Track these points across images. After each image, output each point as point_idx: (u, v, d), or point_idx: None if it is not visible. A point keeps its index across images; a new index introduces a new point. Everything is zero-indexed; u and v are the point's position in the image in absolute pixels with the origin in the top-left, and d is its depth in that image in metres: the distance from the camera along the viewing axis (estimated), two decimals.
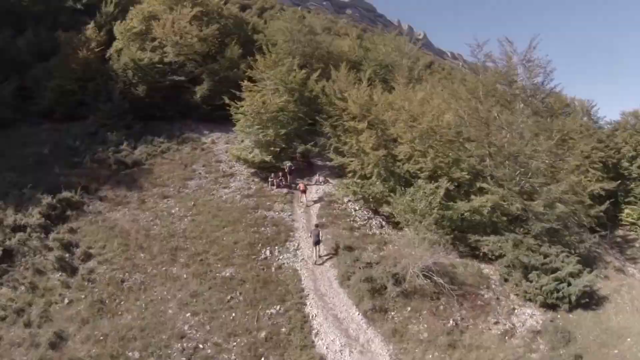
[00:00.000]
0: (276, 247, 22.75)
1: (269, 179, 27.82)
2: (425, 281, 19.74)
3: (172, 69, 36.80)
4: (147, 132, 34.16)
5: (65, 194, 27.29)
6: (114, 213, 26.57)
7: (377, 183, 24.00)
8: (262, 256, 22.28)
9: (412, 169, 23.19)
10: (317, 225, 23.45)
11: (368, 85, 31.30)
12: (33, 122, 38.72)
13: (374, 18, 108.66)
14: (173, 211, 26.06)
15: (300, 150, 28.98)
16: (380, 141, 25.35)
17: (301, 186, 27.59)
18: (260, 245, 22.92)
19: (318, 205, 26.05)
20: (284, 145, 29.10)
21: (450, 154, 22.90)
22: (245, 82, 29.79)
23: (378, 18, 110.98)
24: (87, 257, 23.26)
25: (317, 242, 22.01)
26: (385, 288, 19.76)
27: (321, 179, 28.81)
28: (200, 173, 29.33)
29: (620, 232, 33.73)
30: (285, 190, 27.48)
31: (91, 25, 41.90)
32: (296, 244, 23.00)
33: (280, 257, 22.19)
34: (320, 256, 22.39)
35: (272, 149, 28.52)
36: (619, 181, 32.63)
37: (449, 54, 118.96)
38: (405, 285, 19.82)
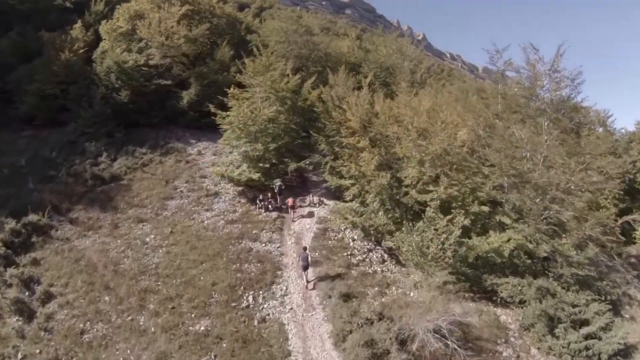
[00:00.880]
0: (261, 292, 17.44)
1: (257, 201, 22.38)
2: (436, 344, 14.61)
3: (158, 72, 30.98)
4: (130, 141, 28.57)
5: (32, 217, 22.21)
6: (83, 240, 21.34)
7: (380, 214, 18.65)
8: (244, 303, 17.02)
9: (421, 198, 17.76)
10: (305, 249, 18.57)
11: (369, 92, 25.65)
12: (15, 128, 33.26)
13: (373, 18, 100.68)
14: (147, 239, 20.76)
15: (292, 168, 23.47)
16: (383, 161, 19.84)
17: (290, 201, 22.40)
18: (242, 288, 17.64)
19: (311, 234, 20.64)
20: (274, 161, 23.53)
21: (466, 182, 17.42)
22: (232, 90, 24.03)
23: (377, 18, 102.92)
24: (48, 297, 18.52)
25: (306, 267, 17.61)
26: (389, 353, 14.64)
27: (315, 199, 23.29)
28: (181, 191, 23.85)
29: (634, 251, 28.47)
30: (274, 214, 21.99)
31: (78, 24, 35.95)
32: (284, 288, 17.68)
33: (265, 305, 16.92)
34: (309, 281, 17.96)
35: (261, 164, 22.94)
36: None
37: (448, 55, 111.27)
38: (413, 348, 14.68)
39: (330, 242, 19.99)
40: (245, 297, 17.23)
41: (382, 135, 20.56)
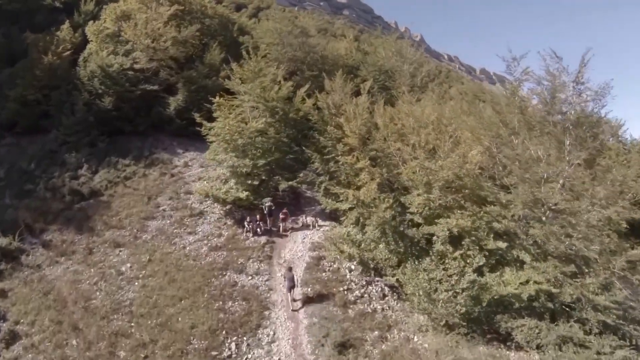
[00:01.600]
0: (245, 338, 14.13)
1: (245, 223, 18.95)
2: None
3: (145, 77, 27.15)
4: (114, 151, 24.93)
5: (2, 240, 18.89)
6: (55, 268, 18.01)
7: (381, 246, 15.35)
8: (226, 352, 13.73)
9: (428, 231, 14.39)
10: (290, 269, 15.94)
11: (368, 99, 22.04)
12: None
13: (371, 19, 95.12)
14: (123, 268, 17.42)
15: (283, 187, 19.97)
16: (385, 182, 16.40)
17: (282, 214, 19.31)
18: (224, 333, 14.34)
19: (304, 263, 17.29)
20: (264, 177, 20.01)
21: (481, 213, 14.03)
22: (217, 99, 20.35)
23: (375, 19, 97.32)
24: (13, 338, 15.53)
25: (291, 287, 15.40)
26: None
27: (309, 220, 19.85)
28: (164, 210, 20.37)
29: None
30: (263, 239, 18.56)
31: (66, 25, 31.82)
32: (271, 333, 14.39)
33: (249, 355, 13.60)
34: (295, 300, 15.58)
35: (249, 181, 19.46)
36: None
37: (445, 56, 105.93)
38: None
39: (324, 274, 16.64)
40: (227, 345, 13.95)
41: (383, 153, 17.05)
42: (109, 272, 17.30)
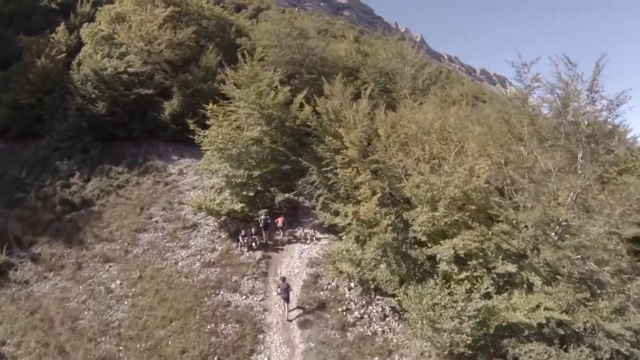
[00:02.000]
0: None
1: (240, 237, 17.87)
2: None
3: (140, 80, 25.91)
4: (107, 157, 23.80)
5: None
6: (43, 284, 17.00)
7: (382, 266, 14.25)
8: None
9: (431, 252, 13.28)
10: (284, 279, 15.25)
11: (369, 103, 20.82)
12: None
13: (371, 20, 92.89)
14: (113, 285, 16.39)
15: (279, 200, 18.81)
16: (386, 196, 15.24)
17: (279, 221, 18.29)
18: (216, 358, 13.43)
19: (301, 281, 16.20)
20: (259, 188, 18.88)
21: (491, 234, 12.87)
22: (211, 105, 19.15)
23: (375, 20, 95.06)
24: None
25: (286, 298, 14.76)
26: None
27: (307, 233, 18.69)
28: (157, 221, 19.29)
29: None
30: (258, 254, 17.48)
31: (61, 27, 30.53)
32: (265, 358, 13.35)
33: None
34: (289, 311, 14.89)
35: (244, 192, 18.35)
36: None
37: (445, 57, 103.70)
38: None
39: (322, 292, 15.56)
40: None
41: (385, 165, 15.85)
42: (98, 290, 16.28)
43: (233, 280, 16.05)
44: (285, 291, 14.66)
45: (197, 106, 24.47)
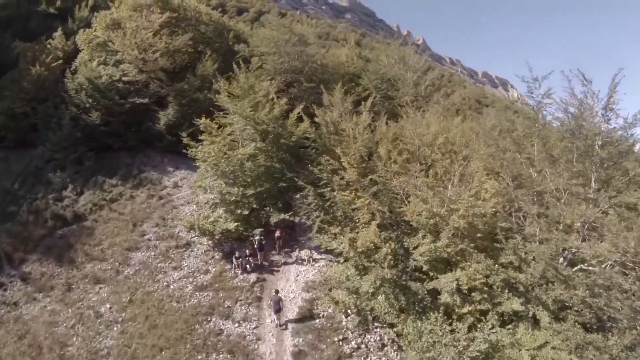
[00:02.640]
0: None
1: (234, 258, 17.07)
2: None
3: (135, 89, 24.99)
4: (101, 169, 22.98)
5: None
6: (32, 307, 16.29)
7: (380, 298, 13.40)
8: None
9: (432, 286, 12.39)
10: (277, 292, 15.18)
11: (370, 116, 19.87)
12: None
13: (373, 23, 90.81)
14: (102, 309, 15.64)
15: (274, 220, 17.88)
16: (386, 220, 14.34)
17: (277, 232, 17.66)
18: None
19: (296, 308, 15.36)
20: (255, 206, 18.04)
21: (497, 268, 11.95)
22: (203, 120, 18.23)
23: (377, 23, 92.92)
24: None
25: (278, 310, 14.63)
26: None
27: (304, 253, 17.75)
28: (149, 239, 18.51)
29: None
30: (253, 277, 16.65)
31: (58, 33, 29.52)
32: None
33: None
34: (280, 325, 14.78)
35: (238, 211, 17.51)
36: None
37: (447, 60, 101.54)
38: None
39: (318, 320, 14.72)
40: None
41: (385, 187, 14.91)
42: (87, 314, 15.56)
43: (226, 306, 15.26)
44: (277, 304, 14.56)
45: (193, 116, 23.49)
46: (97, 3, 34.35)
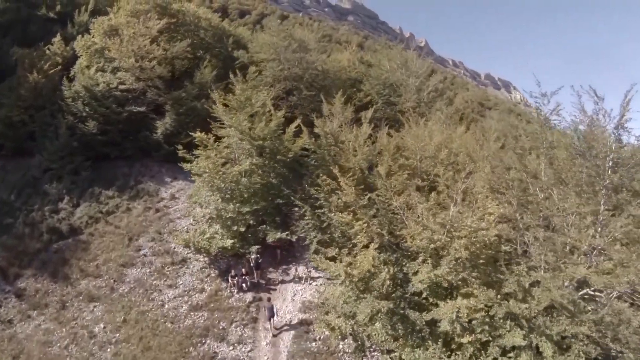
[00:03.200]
0: None
1: (229, 277, 16.62)
2: None
3: (133, 97, 24.52)
4: (99, 179, 22.56)
5: None
6: (26, 325, 15.97)
7: (377, 325, 12.92)
8: None
9: (430, 317, 11.89)
10: (269, 299, 15.74)
11: (370, 127, 19.33)
12: None
13: (375, 25, 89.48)
14: (96, 329, 15.29)
15: (271, 239, 17.31)
16: (386, 242, 13.80)
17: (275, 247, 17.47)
18: None
19: (292, 330, 14.99)
20: (251, 222, 17.56)
21: (499, 299, 11.38)
22: (198, 134, 17.73)
23: (380, 25, 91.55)
24: None
25: (271, 317, 15.01)
26: None
27: (301, 271, 17.27)
28: (145, 255, 18.11)
29: None
30: (249, 296, 16.19)
31: (57, 38, 29.03)
32: None
33: None
34: (276, 328, 15.12)
35: (235, 228, 17.06)
36: None
37: (450, 62, 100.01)
38: None
39: (314, 343, 14.25)
40: None
41: (385, 207, 14.34)
42: (81, 334, 15.22)
43: (221, 327, 14.85)
44: (270, 310, 14.97)
45: (190, 125, 23.14)
46: (96, 7, 33.98)
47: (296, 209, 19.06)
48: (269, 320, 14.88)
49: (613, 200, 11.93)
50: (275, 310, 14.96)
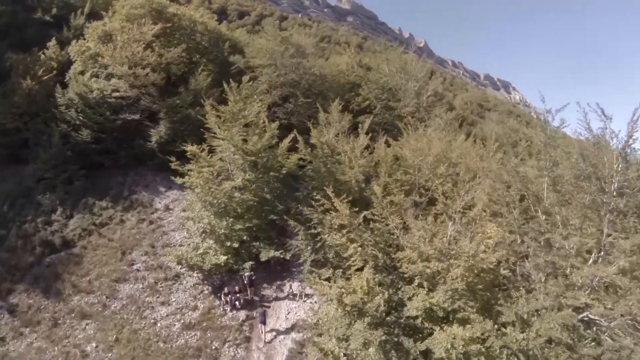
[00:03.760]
0: None
1: (223, 295, 16.35)
2: None
3: (127, 104, 24.11)
4: (92, 188, 22.20)
5: None
6: (19, 343, 15.74)
7: (371, 351, 12.53)
8: None
9: (424, 346, 11.57)
10: (262, 305, 16.21)
11: (367, 138, 18.91)
12: None
13: (375, 26, 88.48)
14: (88, 348, 15.05)
15: (265, 257, 16.84)
16: (381, 264, 13.46)
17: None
18: None
19: (285, 351, 14.72)
20: (245, 238, 17.23)
21: (495, 329, 11.04)
22: (190, 147, 17.32)
23: (379, 26, 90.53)
24: None
25: (263, 322, 15.46)
26: None
27: (296, 287, 16.95)
28: (138, 270, 17.82)
29: None
30: (242, 314, 15.90)
31: (52, 42, 28.51)
32: None
33: None
34: (266, 333, 15.55)
35: (228, 244, 16.73)
36: None
37: (449, 62, 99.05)
38: None
39: None
40: None
41: (381, 228, 13.96)
42: (73, 353, 14.99)
43: (213, 347, 14.60)
44: (263, 315, 15.41)
45: (185, 133, 22.77)
46: (93, 10, 33.45)
47: (291, 222, 18.78)
48: (262, 325, 15.32)
49: (618, 226, 11.48)
50: (266, 315, 15.53)
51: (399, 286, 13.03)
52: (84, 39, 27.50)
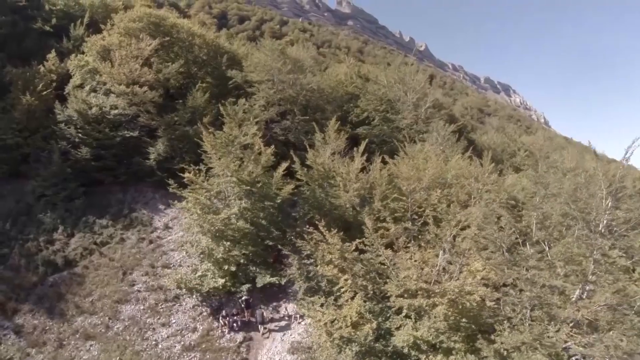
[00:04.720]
0: None
1: (221, 317, 17.07)
2: None
3: (126, 120, 24.65)
4: (92, 206, 22.95)
5: None
6: None
7: None
8: None
9: None
10: (260, 307, 17.45)
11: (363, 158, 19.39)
12: None
13: (375, 29, 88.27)
14: None
15: (261, 284, 17.51)
16: (370, 294, 14.09)
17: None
18: None
19: None
20: (242, 261, 17.88)
21: None
22: (187, 174, 17.85)
23: (379, 29, 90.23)
24: None
25: (261, 322, 17.08)
26: None
27: (291, 309, 17.59)
28: (139, 290, 18.58)
29: None
30: (240, 336, 16.61)
31: (52, 54, 28.84)
32: None
33: None
34: (263, 333, 17.04)
35: (225, 267, 17.41)
36: None
37: (450, 66, 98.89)
38: None
39: None
40: None
41: (373, 256, 14.56)
42: None
43: None
44: (261, 316, 16.94)
45: (184, 150, 23.37)
46: (92, 20, 33.74)
47: (285, 251, 19.37)
48: (260, 324, 16.94)
49: (603, 267, 11.99)
50: (264, 316, 17.15)
51: (388, 315, 13.69)
52: (83, 53, 27.95)
